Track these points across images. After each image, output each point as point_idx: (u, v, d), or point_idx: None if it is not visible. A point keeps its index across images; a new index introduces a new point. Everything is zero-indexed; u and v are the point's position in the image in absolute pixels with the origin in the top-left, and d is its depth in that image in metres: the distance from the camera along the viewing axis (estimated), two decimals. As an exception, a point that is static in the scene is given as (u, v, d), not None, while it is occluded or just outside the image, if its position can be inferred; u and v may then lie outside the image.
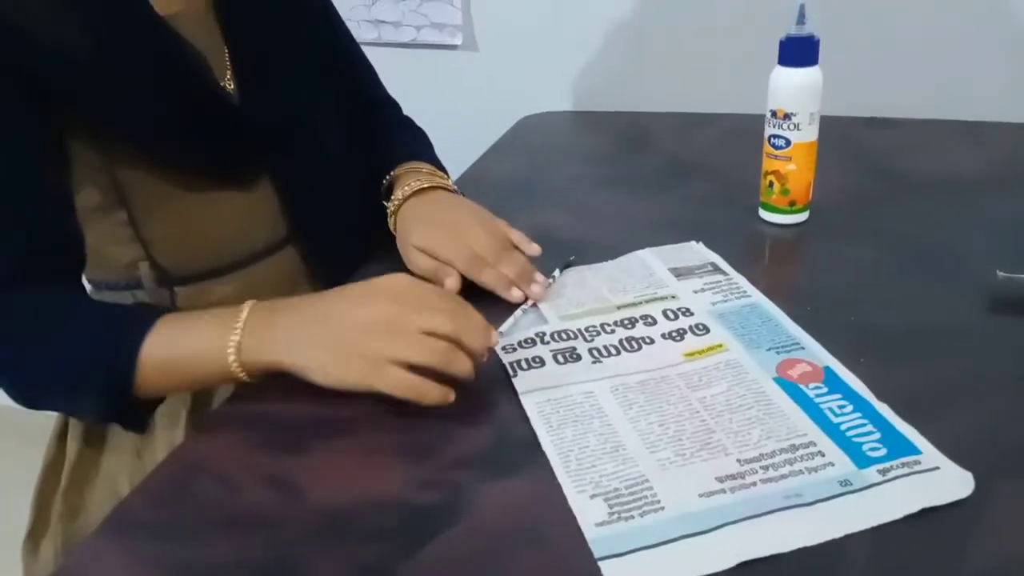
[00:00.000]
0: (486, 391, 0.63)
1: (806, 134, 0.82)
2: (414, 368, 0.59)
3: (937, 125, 1.14)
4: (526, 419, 0.59)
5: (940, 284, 0.74)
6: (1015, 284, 0.70)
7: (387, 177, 0.88)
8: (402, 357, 0.59)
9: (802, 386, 0.60)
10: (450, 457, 0.57)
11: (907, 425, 0.56)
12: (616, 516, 0.50)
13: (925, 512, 0.49)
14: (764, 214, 0.87)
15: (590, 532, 0.49)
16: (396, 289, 0.64)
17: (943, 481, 0.51)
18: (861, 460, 0.53)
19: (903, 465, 0.52)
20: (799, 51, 0.80)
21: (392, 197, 0.83)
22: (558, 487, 0.53)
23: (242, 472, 0.57)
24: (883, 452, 0.53)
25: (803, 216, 0.86)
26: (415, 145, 0.94)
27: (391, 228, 0.84)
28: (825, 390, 0.60)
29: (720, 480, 0.52)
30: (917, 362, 0.63)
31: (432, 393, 0.59)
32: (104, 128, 0.69)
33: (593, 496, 0.52)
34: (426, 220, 0.79)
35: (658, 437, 0.57)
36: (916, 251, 0.80)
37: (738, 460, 0.54)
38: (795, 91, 0.81)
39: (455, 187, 0.86)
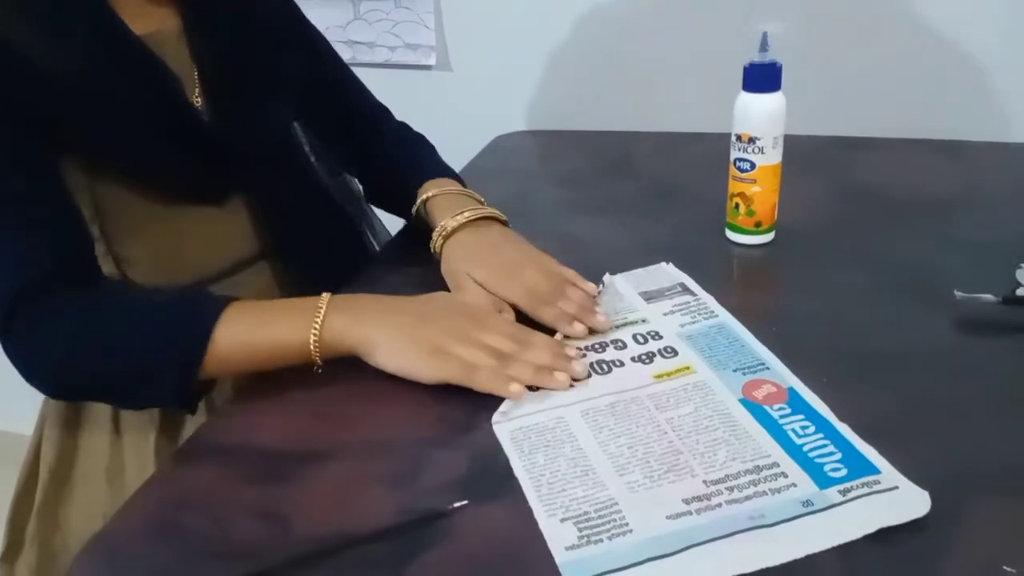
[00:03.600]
0: (462, 418, 0.64)
1: (770, 157, 0.84)
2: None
3: (908, 144, 1.17)
4: (499, 447, 0.61)
5: (906, 305, 0.76)
6: (973, 304, 0.72)
7: (417, 196, 0.87)
8: (469, 360, 0.66)
9: (767, 407, 0.62)
10: (428, 484, 0.58)
11: (867, 445, 0.57)
12: (585, 540, 0.51)
13: (893, 534, 0.50)
14: (731, 235, 0.90)
15: (560, 556, 0.50)
16: (474, 306, 0.72)
17: (901, 500, 0.52)
18: (822, 480, 0.55)
19: (863, 485, 0.54)
20: (762, 77, 0.82)
21: (440, 223, 0.82)
22: (532, 512, 0.54)
23: (224, 503, 0.57)
24: (844, 472, 0.55)
25: (769, 237, 0.89)
26: (433, 158, 0.96)
27: (433, 249, 0.83)
28: (789, 411, 0.62)
29: (687, 502, 0.54)
30: (881, 383, 0.65)
31: (508, 387, 0.64)
32: (84, 144, 0.71)
33: (563, 520, 0.53)
34: (482, 255, 0.79)
35: (627, 460, 0.58)
36: (883, 271, 0.82)
37: (704, 481, 0.55)
38: (759, 116, 0.83)
39: (504, 216, 0.86)
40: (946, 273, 0.79)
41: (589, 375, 0.68)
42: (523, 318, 0.74)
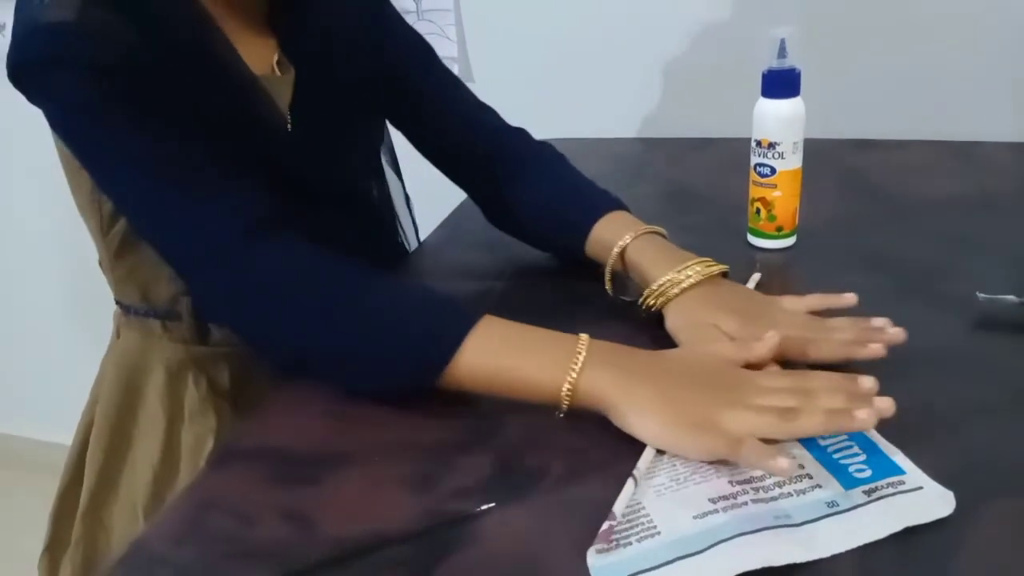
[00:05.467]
0: (487, 420, 0.65)
1: (790, 162, 0.85)
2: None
3: (923, 146, 1.17)
4: (527, 447, 0.62)
5: (926, 306, 0.76)
6: (996, 305, 0.72)
7: (602, 237, 0.80)
8: (747, 429, 0.56)
9: None
10: (453, 486, 0.59)
11: (891, 446, 0.58)
12: (615, 543, 0.52)
13: (910, 534, 0.51)
14: (752, 239, 0.90)
15: (590, 559, 0.51)
16: (739, 365, 0.63)
17: (925, 501, 0.53)
18: (848, 481, 0.55)
19: (888, 486, 0.54)
20: (781, 83, 0.83)
21: (661, 278, 0.73)
22: (559, 515, 0.55)
23: (254, 506, 0.59)
24: (868, 473, 0.56)
25: (790, 241, 0.89)
26: (585, 183, 0.88)
27: (644, 303, 0.75)
28: None
29: (713, 501, 0.54)
30: (902, 384, 0.64)
31: (777, 464, 0.53)
32: None
33: None
34: (722, 305, 0.71)
35: (653, 465, 0.59)
36: (903, 273, 0.82)
37: (730, 482, 0.56)
38: (778, 122, 0.84)
39: (717, 272, 0.75)
40: (965, 275, 0.79)
41: None
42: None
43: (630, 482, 0.56)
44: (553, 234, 0.86)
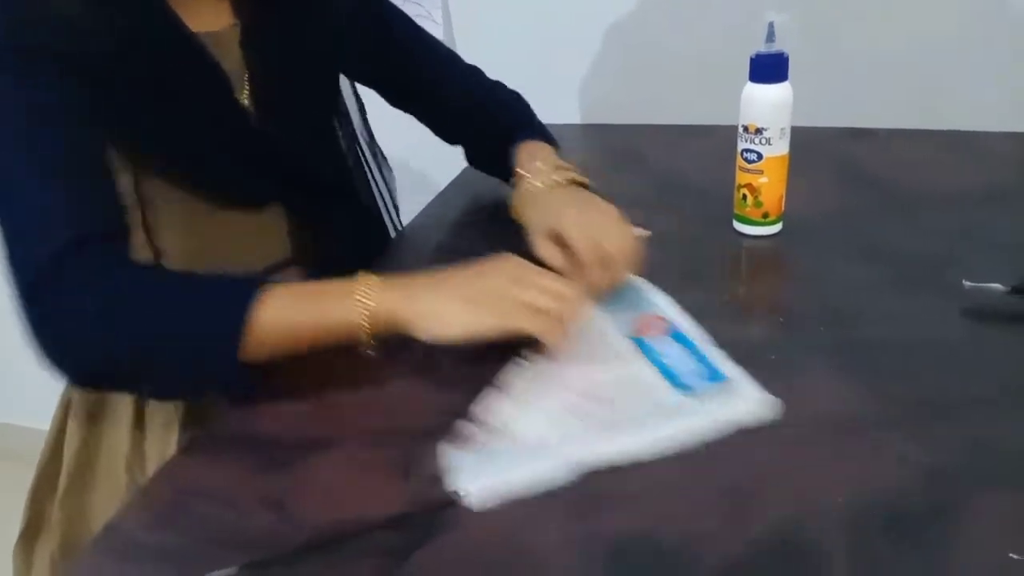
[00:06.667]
0: (466, 405, 0.64)
1: (777, 148, 0.84)
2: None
3: (913, 135, 1.16)
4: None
5: (914, 295, 0.76)
6: (983, 294, 0.72)
7: (510, 154, 0.90)
8: (528, 300, 0.65)
9: (649, 338, 0.71)
10: (433, 472, 0.58)
11: (730, 364, 0.66)
12: (473, 446, 0.59)
13: (906, 521, 0.51)
14: (738, 226, 0.89)
15: (447, 460, 0.58)
16: (509, 265, 0.69)
17: (750, 404, 0.61)
18: (685, 390, 0.64)
19: (719, 393, 0.63)
20: (769, 68, 0.82)
21: (525, 183, 0.85)
22: (545, 499, 0.55)
23: (233, 492, 0.58)
24: (705, 384, 0.64)
25: (776, 228, 0.89)
26: (524, 120, 0.98)
27: (516, 211, 0.85)
28: (667, 339, 0.70)
29: (566, 409, 0.62)
30: (890, 373, 0.65)
31: (561, 332, 0.65)
32: (130, 130, 0.71)
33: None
34: (563, 210, 0.79)
35: (518, 381, 0.65)
36: (890, 262, 0.81)
37: (582, 394, 0.64)
38: (766, 107, 0.83)
39: (591, 183, 0.86)
40: (953, 263, 0.79)
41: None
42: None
43: (493, 392, 0.64)
44: (491, 166, 0.97)
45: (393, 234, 1.07)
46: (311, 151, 0.84)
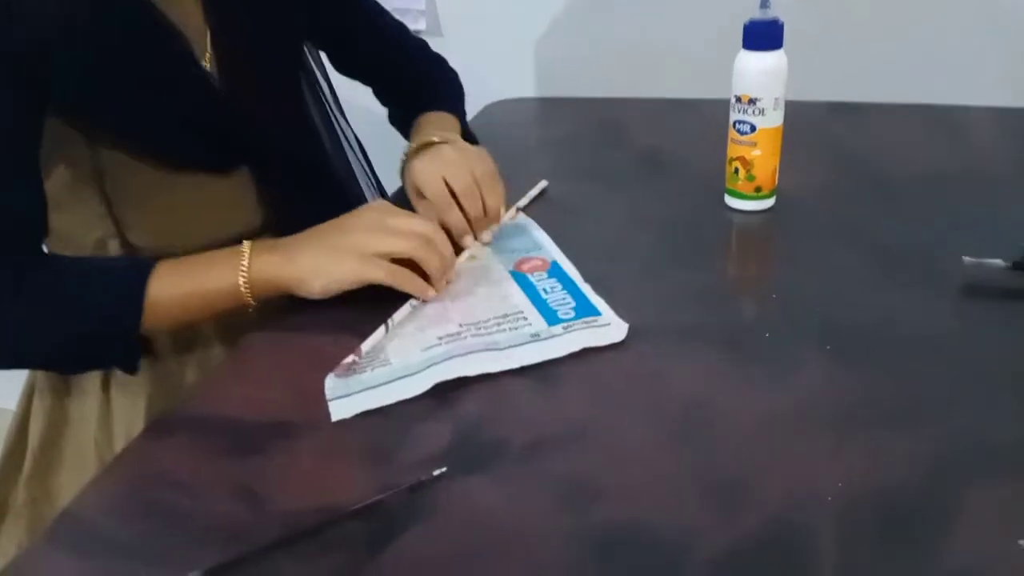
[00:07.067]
0: (444, 388, 0.61)
1: (771, 119, 0.81)
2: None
3: (906, 110, 1.13)
4: (489, 416, 0.58)
5: (909, 271, 0.73)
6: (983, 270, 0.70)
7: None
8: (384, 249, 0.69)
9: (529, 275, 0.75)
10: (412, 458, 0.55)
11: (600, 299, 0.69)
12: (351, 372, 0.63)
13: (897, 515, 0.48)
14: (730, 200, 0.86)
15: (327, 383, 0.61)
16: (372, 214, 0.73)
17: (606, 332, 0.65)
18: (552, 319, 0.67)
19: (584, 323, 0.66)
20: (763, 35, 0.79)
21: (404, 151, 0.86)
22: (526, 485, 0.52)
23: (200, 479, 0.55)
24: (572, 315, 0.68)
25: (769, 202, 0.86)
26: (437, 93, 0.98)
27: (401, 179, 0.87)
28: (546, 276, 0.75)
29: (440, 338, 0.66)
30: (885, 352, 0.63)
31: (415, 282, 0.70)
32: (84, 104, 0.68)
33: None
34: (430, 165, 0.82)
35: (407, 320, 0.69)
36: (884, 238, 0.79)
37: (459, 324, 0.67)
38: (760, 76, 0.80)
39: (462, 141, 0.87)
40: (952, 245, 0.76)
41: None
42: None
43: (381, 328, 0.67)
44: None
45: (372, 190, 1.04)
46: (276, 115, 0.82)
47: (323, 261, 0.68)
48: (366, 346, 0.65)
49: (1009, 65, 1.15)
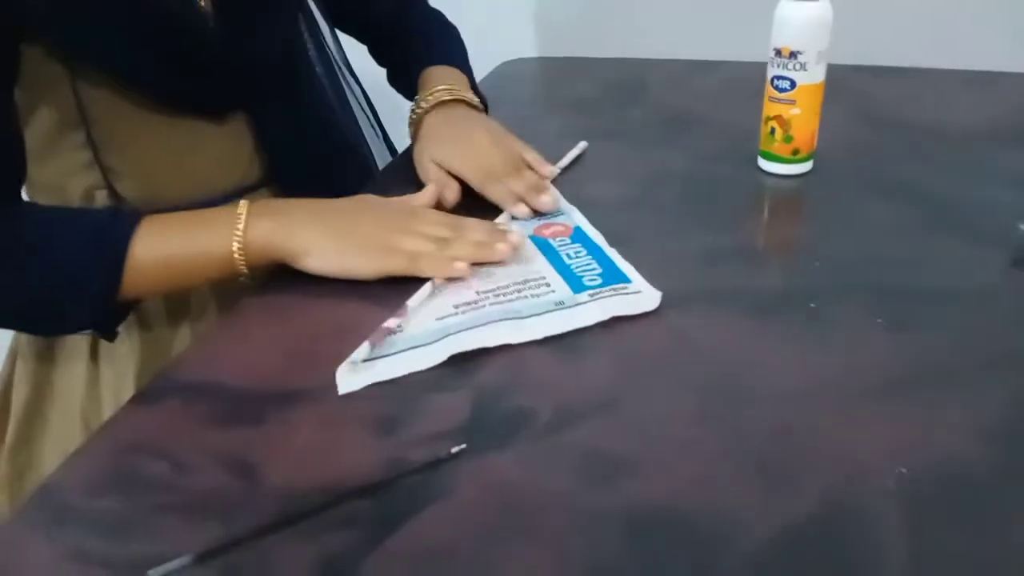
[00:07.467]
0: (463, 354, 0.56)
1: (813, 75, 0.75)
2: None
3: (944, 75, 1.07)
4: (509, 387, 0.53)
5: (957, 239, 0.68)
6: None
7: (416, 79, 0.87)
8: (409, 248, 0.64)
9: (551, 240, 0.70)
10: (424, 430, 0.50)
11: (628, 264, 0.65)
12: (369, 344, 0.57)
13: (955, 494, 0.43)
14: (764, 164, 0.81)
15: (361, 352, 0.56)
16: (404, 200, 0.71)
17: (638, 300, 0.60)
18: (577, 287, 0.62)
19: (612, 291, 0.61)
20: (807, -18, 0.73)
21: (414, 107, 0.83)
22: (546, 462, 0.47)
23: (190, 450, 0.50)
24: (599, 282, 0.63)
25: (807, 166, 0.80)
26: (441, 46, 0.94)
27: (410, 135, 0.83)
28: (568, 241, 0.70)
29: (456, 307, 0.61)
30: (934, 321, 0.58)
31: (460, 266, 0.63)
32: (67, 41, 0.63)
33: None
34: (444, 136, 0.80)
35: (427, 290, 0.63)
36: (928, 204, 0.74)
37: (477, 292, 0.62)
38: (802, 26, 0.74)
39: (476, 101, 0.85)
40: (997, 207, 0.71)
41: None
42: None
43: (428, 285, 0.62)
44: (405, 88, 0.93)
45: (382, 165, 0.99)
46: (274, 59, 0.77)
47: (334, 245, 0.64)
48: (413, 302, 0.61)
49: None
